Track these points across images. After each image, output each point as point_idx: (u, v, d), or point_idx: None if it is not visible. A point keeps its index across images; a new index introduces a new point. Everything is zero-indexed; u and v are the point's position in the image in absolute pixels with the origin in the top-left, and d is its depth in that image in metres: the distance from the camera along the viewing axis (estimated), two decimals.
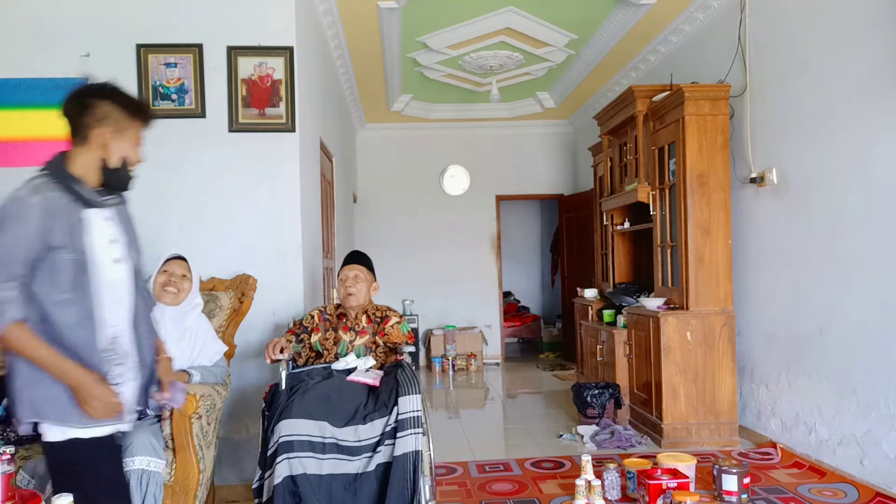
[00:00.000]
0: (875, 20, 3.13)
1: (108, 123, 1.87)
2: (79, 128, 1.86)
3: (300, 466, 2.49)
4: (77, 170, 1.87)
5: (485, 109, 7.60)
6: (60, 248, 1.79)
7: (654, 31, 5.14)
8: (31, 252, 1.77)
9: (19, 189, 1.82)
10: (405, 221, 7.99)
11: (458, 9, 4.83)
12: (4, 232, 1.76)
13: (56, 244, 1.79)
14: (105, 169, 1.89)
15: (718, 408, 4.11)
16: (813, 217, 3.61)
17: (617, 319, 5.10)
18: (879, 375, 3.15)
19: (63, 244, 1.80)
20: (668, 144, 4.38)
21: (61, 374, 1.81)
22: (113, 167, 1.89)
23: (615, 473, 3.15)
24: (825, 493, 3.20)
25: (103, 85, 1.90)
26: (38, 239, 1.77)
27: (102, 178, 1.90)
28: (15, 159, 3.37)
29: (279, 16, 3.57)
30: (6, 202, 1.79)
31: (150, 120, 1.99)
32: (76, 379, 1.81)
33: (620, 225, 5.41)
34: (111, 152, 1.89)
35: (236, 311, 3.30)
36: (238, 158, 3.53)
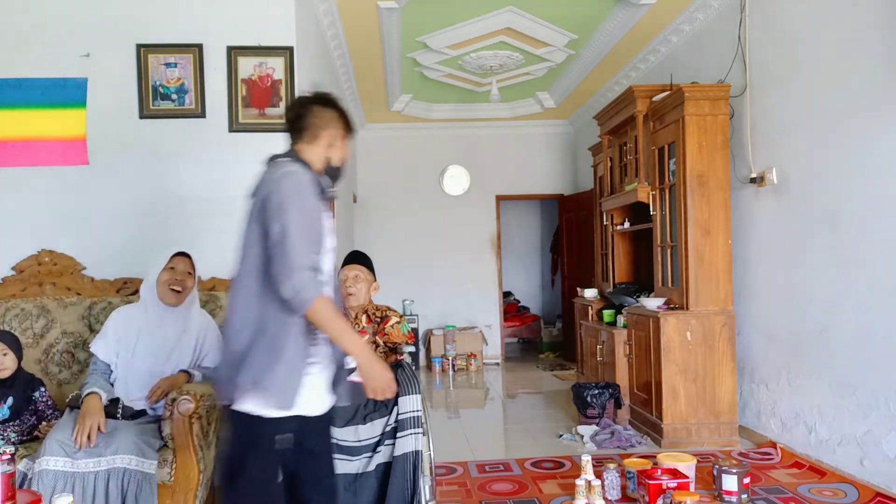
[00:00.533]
0: (875, 20, 3.13)
1: (337, 127, 2.06)
2: (311, 127, 2.04)
3: None
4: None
5: (485, 109, 7.60)
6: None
7: (654, 31, 5.14)
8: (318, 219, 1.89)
9: (279, 169, 1.91)
10: (405, 221, 7.98)
11: (458, 9, 4.83)
12: (301, 204, 1.84)
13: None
14: (328, 166, 2.06)
15: (718, 408, 4.11)
16: (813, 217, 3.61)
17: (617, 319, 5.10)
18: (879, 375, 3.15)
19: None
20: (668, 144, 4.38)
21: (356, 349, 1.88)
22: (334, 164, 2.07)
23: (615, 473, 3.14)
24: (825, 493, 3.20)
25: (331, 95, 2.12)
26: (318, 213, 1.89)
27: (325, 173, 2.05)
28: (15, 159, 3.37)
29: (279, 16, 3.57)
30: (279, 179, 1.86)
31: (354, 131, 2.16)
32: (366, 356, 1.90)
33: (620, 225, 5.41)
34: (335, 151, 2.07)
35: None
36: (238, 158, 3.52)
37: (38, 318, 3.19)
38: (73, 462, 2.35)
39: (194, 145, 3.51)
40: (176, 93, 3.49)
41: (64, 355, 3.16)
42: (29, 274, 3.34)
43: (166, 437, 2.55)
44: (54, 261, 3.37)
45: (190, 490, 2.52)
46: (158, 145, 3.49)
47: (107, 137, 3.44)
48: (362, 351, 1.90)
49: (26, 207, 3.43)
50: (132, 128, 3.48)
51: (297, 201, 1.84)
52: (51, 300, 3.26)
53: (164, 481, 2.48)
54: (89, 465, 2.37)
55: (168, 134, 3.49)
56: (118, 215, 3.47)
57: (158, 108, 3.48)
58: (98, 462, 2.37)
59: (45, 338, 3.17)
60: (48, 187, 3.44)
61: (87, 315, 3.22)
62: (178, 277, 2.75)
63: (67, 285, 3.34)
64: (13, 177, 3.41)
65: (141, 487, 2.37)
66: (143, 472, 2.39)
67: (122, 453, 2.38)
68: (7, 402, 2.68)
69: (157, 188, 3.49)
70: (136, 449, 2.41)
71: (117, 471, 2.36)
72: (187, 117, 3.50)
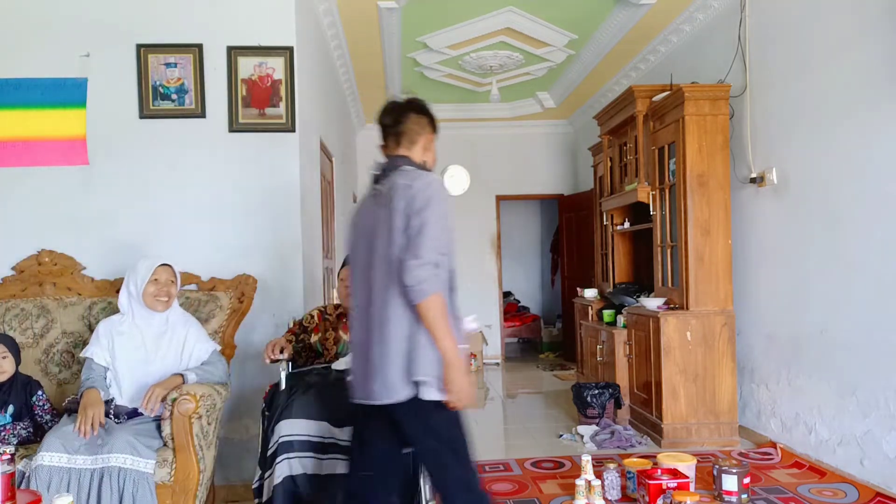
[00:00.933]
0: (875, 20, 3.13)
1: (430, 132, 2.23)
2: (409, 133, 2.19)
3: (300, 466, 2.49)
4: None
5: (485, 109, 7.60)
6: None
7: (654, 31, 5.14)
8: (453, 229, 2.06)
9: (415, 176, 2.06)
10: None
11: (458, 9, 4.83)
12: (442, 207, 2.01)
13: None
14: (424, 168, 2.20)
15: (718, 408, 4.11)
16: (813, 217, 3.61)
17: (617, 319, 5.10)
18: (879, 375, 3.15)
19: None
20: (668, 144, 4.38)
21: (452, 353, 1.96)
22: (429, 168, 2.21)
23: (615, 473, 3.14)
24: (825, 493, 3.20)
25: (423, 101, 2.27)
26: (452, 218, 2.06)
27: None
28: (15, 159, 3.37)
29: (279, 16, 3.57)
30: (426, 184, 2.02)
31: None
32: (459, 362, 1.97)
33: (620, 225, 5.41)
34: (430, 154, 2.25)
35: (236, 311, 3.31)
36: (238, 158, 3.53)
37: (38, 318, 3.19)
38: (69, 458, 2.35)
39: (194, 145, 3.50)
40: (176, 93, 3.49)
41: (64, 355, 3.16)
42: (29, 274, 3.34)
43: (166, 437, 2.55)
44: (54, 261, 3.37)
45: (190, 490, 2.52)
46: (158, 145, 3.49)
47: (107, 137, 3.43)
48: (457, 357, 1.97)
49: (26, 207, 3.43)
50: (132, 128, 3.47)
51: (440, 204, 2.00)
52: (51, 300, 3.26)
53: (164, 481, 2.48)
54: (87, 462, 2.37)
55: (168, 134, 3.49)
56: (118, 215, 3.47)
57: (158, 108, 3.48)
58: (95, 460, 2.38)
59: (45, 338, 3.17)
60: (48, 187, 3.44)
61: (87, 315, 3.22)
62: (163, 288, 2.83)
63: (67, 285, 3.34)
64: (13, 177, 3.41)
65: (137, 487, 2.37)
66: (139, 471, 2.40)
67: (116, 452, 2.38)
68: (8, 411, 2.69)
69: (157, 188, 3.49)
70: (131, 448, 2.41)
71: (112, 469, 2.36)
72: (187, 117, 3.49)
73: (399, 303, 1.98)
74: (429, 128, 2.23)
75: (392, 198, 2.01)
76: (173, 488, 2.50)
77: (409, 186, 2.01)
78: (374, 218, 2.09)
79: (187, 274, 3.36)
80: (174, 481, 2.50)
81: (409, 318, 1.98)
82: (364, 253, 2.12)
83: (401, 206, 1.99)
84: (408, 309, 1.97)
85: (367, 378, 2.05)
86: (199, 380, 2.74)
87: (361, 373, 2.09)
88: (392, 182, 2.06)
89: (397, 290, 1.97)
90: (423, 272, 1.90)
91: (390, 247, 1.99)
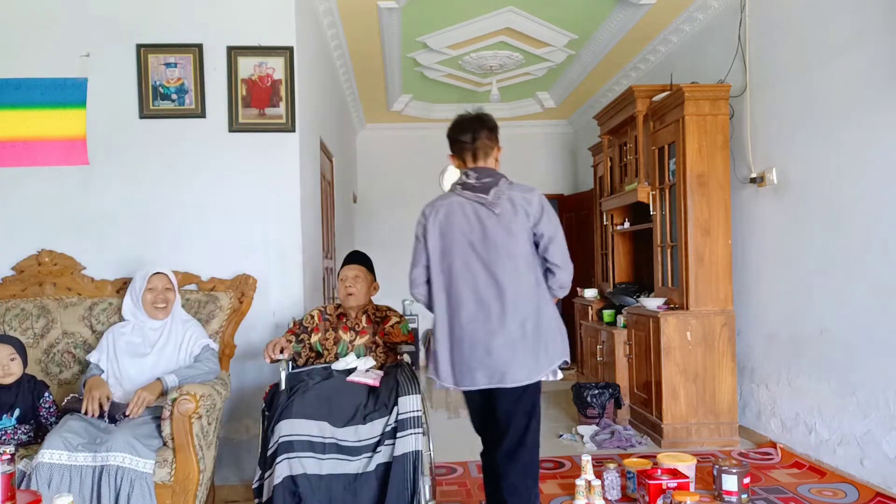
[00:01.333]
0: (875, 20, 3.13)
1: (499, 146, 2.56)
2: (486, 148, 2.50)
3: (300, 466, 2.49)
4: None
5: (485, 109, 7.58)
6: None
7: (654, 31, 5.14)
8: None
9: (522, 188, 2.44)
10: (405, 221, 7.96)
11: (458, 9, 4.83)
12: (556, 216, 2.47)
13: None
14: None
15: (718, 408, 4.11)
16: (813, 217, 3.61)
17: (617, 319, 5.10)
18: (879, 375, 3.15)
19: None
20: (668, 144, 4.38)
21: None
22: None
23: (615, 473, 3.14)
24: (825, 493, 3.20)
25: (492, 117, 2.56)
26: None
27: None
28: (15, 159, 3.37)
29: (279, 16, 3.57)
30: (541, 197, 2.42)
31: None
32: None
33: (620, 225, 5.41)
34: (498, 165, 2.57)
35: (236, 311, 3.31)
36: (238, 158, 3.53)
37: (38, 318, 3.19)
38: (70, 455, 2.36)
39: (194, 145, 3.50)
40: (176, 93, 3.49)
41: (65, 356, 3.16)
42: (29, 274, 3.34)
43: (166, 437, 2.55)
44: (54, 261, 3.37)
45: (190, 490, 2.52)
46: (158, 145, 3.49)
47: (107, 137, 3.43)
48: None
49: (26, 207, 3.43)
50: (132, 128, 3.47)
51: (555, 213, 2.49)
52: (51, 300, 3.26)
53: (163, 481, 2.48)
54: (87, 460, 2.38)
55: (168, 134, 3.49)
56: (118, 215, 3.47)
57: (158, 108, 3.48)
58: (95, 457, 2.39)
59: (46, 338, 3.17)
60: (48, 187, 3.44)
61: (88, 315, 3.22)
62: (159, 296, 2.94)
63: (67, 285, 3.34)
64: (13, 177, 3.41)
65: (134, 486, 2.37)
66: (137, 470, 2.40)
67: (115, 451, 2.39)
68: (15, 414, 2.69)
69: (157, 188, 3.49)
70: (130, 447, 2.41)
71: (110, 468, 2.36)
72: (187, 117, 3.49)
73: (546, 293, 2.45)
74: (497, 140, 2.53)
75: (518, 211, 2.37)
76: (173, 488, 2.50)
77: (529, 201, 2.40)
78: (482, 223, 2.39)
79: (187, 274, 3.36)
80: (174, 481, 2.50)
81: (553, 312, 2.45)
82: (466, 252, 2.39)
83: (524, 217, 2.37)
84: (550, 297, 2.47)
85: (507, 362, 2.33)
86: (181, 380, 2.73)
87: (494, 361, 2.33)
88: (504, 194, 2.39)
89: (543, 282, 2.43)
90: (569, 277, 2.48)
91: (521, 246, 2.37)
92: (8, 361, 2.72)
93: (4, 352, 2.72)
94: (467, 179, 2.44)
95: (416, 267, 2.55)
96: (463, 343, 2.38)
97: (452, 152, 2.56)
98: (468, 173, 2.46)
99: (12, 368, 2.73)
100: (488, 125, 2.51)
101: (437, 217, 2.46)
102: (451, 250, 2.41)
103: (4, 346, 2.74)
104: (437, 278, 2.46)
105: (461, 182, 2.46)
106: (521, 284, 2.37)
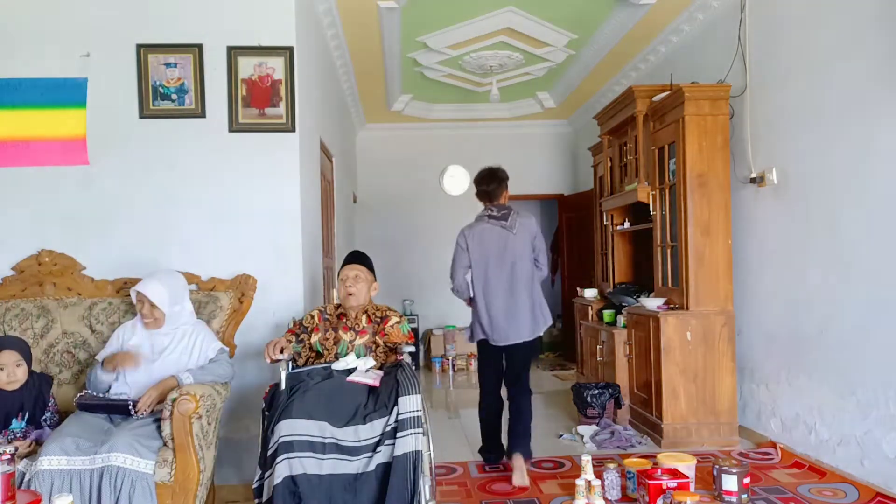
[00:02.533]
0: (875, 20, 3.13)
1: (506, 189, 3.84)
2: (499, 193, 3.78)
3: (300, 466, 2.49)
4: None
5: (485, 109, 7.60)
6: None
7: (654, 31, 5.14)
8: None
9: (525, 216, 3.73)
10: (405, 221, 7.98)
11: (458, 9, 4.83)
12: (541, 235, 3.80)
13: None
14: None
15: (718, 408, 4.11)
16: (813, 217, 3.61)
17: (617, 319, 5.10)
18: (879, 375, 3.15)
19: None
20: (668, 144, 4.38)
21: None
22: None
23: (615, 473, 3.14)
24: (825, 493, 3.20)
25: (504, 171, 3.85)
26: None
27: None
28: (15, 159, 3.37)
29: (279, 16, 3.57)
30: (535, 222, 3.77)
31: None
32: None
33: (620, 225, 5.41)
34: (507, 200, 3.85)
35: (236, 311, 3.31)
36: (238, 158, 3.53)
37: (38, 318, 3.19)
38: (69, 459, 2.36)
39: (194, 145, 3.50)
40: (176, 93, 3.49)
41: (64, 355, 3.16)
42: (29, 274, 3.34)
43: (166, 437, 2.55)
44: (54, 261, 3.37)
45: (190, 490, 2.52)
46: (158, 145, 3.49)
47: (107, 137, 3.44)
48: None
49: (26, 207, 3.43)
50: (132, 128, 3.48)
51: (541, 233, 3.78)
52: (51, 300, 3.26)
53: (164, 481, 2.49)
54: (86, 463, 2.38)
55: (168, 134, 3.49)
56: (118, 215, 3.47)
57: (158, 108, 3.48)
58: (93, 459, 2.39)
59: (46, 338, 3.17)
60: (48, 187, 3.44)
61: (88, 315, 3.22)
62: (144, 312, 2.89)
63: (67, 285, 3.34)
64: (13, 177, 3.41)
65: (135, 487, 2.37)
66: (138, 471, 2.40)
67: (117, 451, 2.39)
68: (25, 418, 2.70)
69: (158, 188, 3.49)
70: (131, 448, 2.42)
71: (112, 469, 2.37)
72: (187, 117, 3.49)
73: (538, 285, 3.68)
74: (506, 187, 3.81)
75: (525, 231, 3.65)
76: (173, 488, 2.50)
77: (530, 225, 3.69)
78: (504, 239, 3.61)
79: (187, 274, 3.36)
80: (174, 481, 2.50)
81: (540, 292, 3.69)
82: (497, 258, 3.60)
83: (529, 235, 3.65)
84: (539, 286, 3.70)
85: (521, 327, 3.59)
86: (196, 379, 2.74)
87: (515, 325, 3.58)
88: (517, 221, 3.65)
89: (535, 273, 3.67)
90: (547, 270, 3.76)
91: (527, 253, 3.63)
92: (14, 368, 2.74)
93: (11, 358, 2.74)
94: (491, 212, 3.70)
95: (460, 269, 3.66)
96: (499, 315, 3.60)
97: (478, 195, 3.79)
98: (491, 209, 3.71)
99: (18, 374, 2.75)
100: (500, 177, 3.77)
101: (475, 237, 3.65)
102: (487, 257, 3.61)
103: (11, 352, 2.75)
104: (478, 274, 3.63)
105: (487, 213, 3.70)
106: (527, 276, 3.63)
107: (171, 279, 3.00)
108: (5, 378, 2.72)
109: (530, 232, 3.67)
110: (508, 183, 3.81)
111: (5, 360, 2.73)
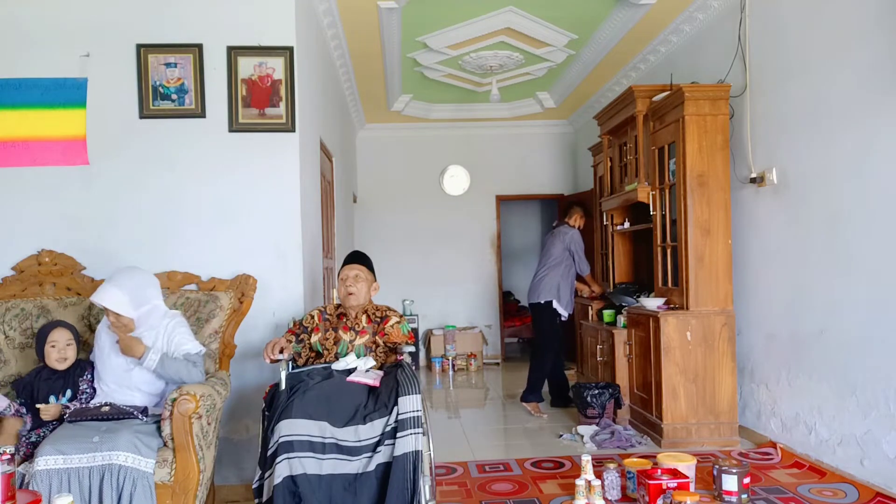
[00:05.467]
0: (875, 20, 3.13)
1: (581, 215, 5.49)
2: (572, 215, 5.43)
3: (300, 466, 2.49)
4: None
5: (485, 109, 7.60)
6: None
7: (654, 31, 5.14)
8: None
9: (567, 229, 5.35)
10: (405, 221, 7.98)
11: (458, 9, 4.83)
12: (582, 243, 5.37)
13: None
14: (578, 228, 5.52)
15: (718, 408, 4.11)
16: (813, 217, 3.61)
17: (617, 319, 5.10)
18: (879, 375, 3.15)
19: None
20: (668, 144, 4.38)
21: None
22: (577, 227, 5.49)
23: (615, 473, 3.14)
24: (825, 493, 3.20)
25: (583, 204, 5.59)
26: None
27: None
28: (15, 159, 3.37)
29: (279, 16, 3.57)
30: (572, 234, 5.34)
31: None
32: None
33: (620, 225, 5.41)
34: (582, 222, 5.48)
35: (236, 311, 3.31)
36: (238, 158, 3.53)
37: (38, 318, 3.19)
38: (65, 458, 2.36)
39: (194, 145, 3.50)
40: (176, 93, 3.49)
41: None
42: (29, 274, 3.34)
43: (166, 437, 2.55)
44: (54, 261, 3.37)
45: (190, 490, 2.52)
46: (158, 145, 3.49)
47: (107, 137, 3.44)
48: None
49: (26, 207, 3.43)
50: (132, 128, 3.48)
51: (580, 240, 5.33)
52: (51, 300, 3.26)
53: (163, 481, 2.49)
54: (84, 461, 2.37)
55: (168, 134, 3.49)
56: (118, 215, 3.47)
57: (158, 108, 3.48)
58: (93, 458, 2.38)
59: None
60: (48, 187, 3.44)
61: (87, 315, 3.22)
62: (111, 320, 2.78)
63: (67, 285, 3.34)
64: (13, 177, 3.41)
65: (136, 486, 2.37)
66: (139, 470, 2.40)
67: (118, 450, 2.39)
68: (66, 396, 2.75)
69: (157, 188, 3.49)
70: (132, 447, 2.42)
71: (113, 468, 2.36)
72: (187, 117, 3.49)
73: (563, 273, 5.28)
74: (571, 216, 5.41)
75: (560, 239, 5.24)
76: (173, 488, 2.50)
77: (565, 235, 5.24)
78: (550, 242, 5.34)
79: (187, 274, 3.37)
80: (174, 481, 2.50)
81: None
82: (547, 253, 5.28)
83: (561, 240, 5.24)
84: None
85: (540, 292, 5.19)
86: (160, 367, 2.72)
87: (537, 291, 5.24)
88: (559, 233, 5.27)
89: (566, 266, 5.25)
90: (586, 267, 5.31)
91: (557, 251, 5.22)
92: (65, 346, 2.79)
93: (63, 336, 2.79)
94: (553, 227, 5.38)
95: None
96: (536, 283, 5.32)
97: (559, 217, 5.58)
98: (556, 224, 5.21)
99: (68, 353, 2.79)
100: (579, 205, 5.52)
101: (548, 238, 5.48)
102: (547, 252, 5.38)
103: (64, 330, 2.81)
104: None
105: (553, 227, 5.49)
106: (554, 269, 5.25)
107: (131, 280, 2.79)
108: (56, 355, 2.76)
109: (562, 240, 5.30)
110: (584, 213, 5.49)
111: (57, 337, 2.78)
